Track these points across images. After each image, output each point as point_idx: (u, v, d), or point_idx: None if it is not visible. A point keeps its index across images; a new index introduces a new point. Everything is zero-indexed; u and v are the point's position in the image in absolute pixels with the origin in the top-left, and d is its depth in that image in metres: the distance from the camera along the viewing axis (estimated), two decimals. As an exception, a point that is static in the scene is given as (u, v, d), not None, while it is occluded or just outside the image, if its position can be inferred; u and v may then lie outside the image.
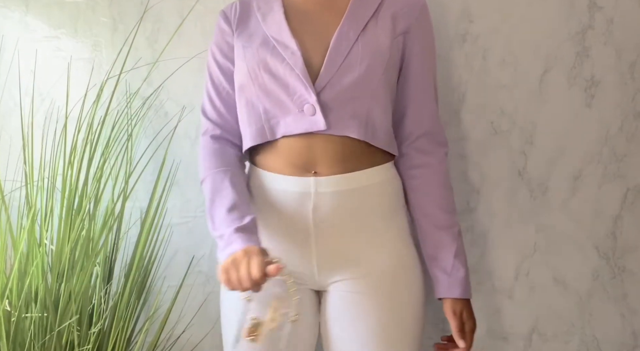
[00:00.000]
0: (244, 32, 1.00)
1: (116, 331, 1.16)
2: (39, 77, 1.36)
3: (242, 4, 1.04)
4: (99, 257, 1.23)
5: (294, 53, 0.93)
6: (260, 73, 0.94)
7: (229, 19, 1.03)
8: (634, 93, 1.22)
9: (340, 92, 0.92)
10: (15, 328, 1.07)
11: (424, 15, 1.02)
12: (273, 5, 0.99)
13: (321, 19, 0.97)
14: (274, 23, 0.97)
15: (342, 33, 0.94)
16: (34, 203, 1.18)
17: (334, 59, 0.92)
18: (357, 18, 0.95)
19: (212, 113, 1.04)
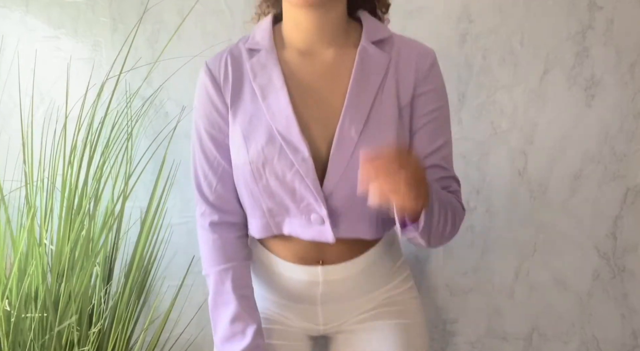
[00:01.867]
0: (240, 109, 0.86)
1: (116, 331, 1.16)
2: (39, 77, 1.36)
3: (234, 63, 0.87)
4: (99, 257, 1.23)
5: (304, 160, 0.80)
6: (265, 175, 0.83)
7: (217, 82, 0.87)
8: (634, 93, 1.22)
9: (349, 197, 0.82)
10: (15, 328, 1.07)
11: (434, 73, 0.88)
12: (272, 75, 0.84)
13: (324, 95, 0.84)
14: (279, 111, 0.82)
15: (344, 130, 0.81)
16: (33, 203, 1.18)
17: (338, 161, 0.82)
18: (360, 103, 0.82)
19: (209, 194, 0.91)
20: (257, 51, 0.87)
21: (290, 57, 0.86)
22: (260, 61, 0.85)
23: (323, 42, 0.84)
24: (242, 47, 0.89)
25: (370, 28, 0.86)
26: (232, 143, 0.87)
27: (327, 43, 0.85)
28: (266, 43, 0.86)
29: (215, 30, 1.35)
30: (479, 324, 1.34)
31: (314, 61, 0.85)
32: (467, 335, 1.35)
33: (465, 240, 1.32)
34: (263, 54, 0.86)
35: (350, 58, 0.84)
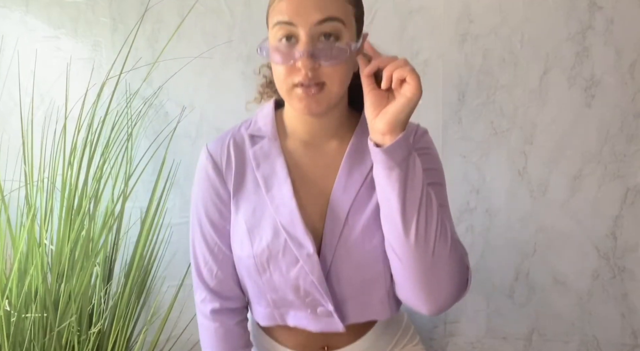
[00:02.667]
0: (243, 198, 0.84)
1: (116, 331, 1.16)
2: (39, 77, 1.36)
3: (236, 149, 0.85)
4: (99, 257, 1.23)
5: (309, 256, 0.78)
6: (269, 269, 0.81)
7: (220, 169, 0.85)
8: (634, 93, 1.22)
9: (356, 286, 0.81)
10: (15, 328, 1.07)
11: (427, 139, 0.86)
12: (276, 165, 0.82)
13: (327, 186, 0.83)
14: (283, 204, 0.80)
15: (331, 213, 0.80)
16: (33, 203, 1.18)
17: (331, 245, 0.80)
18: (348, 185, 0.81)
19: (210, 281, 0.87)
20: (260, 138, 0.85)
21: (293, 146, 0.85)
22: (264, 149, 0.84)
23: (326, 135, 0.84)
24: (245, 132, 0.87)
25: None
26: (234, 234, 0.85)
27: (330, 136, 0.84)
28: (269, 131, 0.85)
29: (215, 30, 1.35)
30: (479, 324, 1.34)
31: (317, 152, 0.84)
32: (467, 335, 1.35)
33: (465, 240, 1.32)
34: (266, 142, 0.84)
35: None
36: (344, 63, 0.74)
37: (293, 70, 0.73)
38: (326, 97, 0.74)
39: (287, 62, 0.73)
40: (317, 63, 0.72)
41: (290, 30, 0.72)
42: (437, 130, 1.30)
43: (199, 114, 1.38)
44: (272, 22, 0.75)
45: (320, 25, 0.71)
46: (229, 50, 1.35)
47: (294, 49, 0.72)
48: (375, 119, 0.73)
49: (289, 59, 0.73)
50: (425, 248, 0.72)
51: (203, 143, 1.38)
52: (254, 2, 1.33)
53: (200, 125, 1.38)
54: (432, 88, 1.29)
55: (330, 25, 0.72)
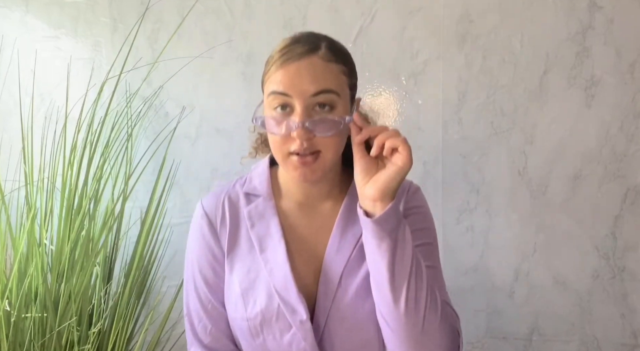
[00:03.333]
0: (237, 258, 0.83)
1: (116, 331, 1.16)
2: (39, 76, 1.36)
3: (230, 207, 0.85)
4: (99, 257, 1.23)
5: (302, 322, 0.77)
6: (263, 334, 0.80)
7: (215, 227, 0.85)
8: (634, 93, 1.22)
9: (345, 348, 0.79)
10: (15, 328, 1.07)
11: (419, 197, 0.86)
12: (270, 226, 0.83)
13: (320, 249, 0.83)
14: (277, 267, 0.80)
15: (324, 276, 0.80)
16: (33, 203, 1.18)
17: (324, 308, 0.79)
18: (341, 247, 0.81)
19: (204, 337, 0.86)
20: (255, 197, 0.86)
21: (288, 207, 0.85)
22: (258, 209, 0.84)
23: (320, 197, 0.85)
24: (240, 190, 0.87)
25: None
26: (228, 294, 0.84)
27: (324, 197, 0.85)
28: (264, 190, 0.85)
29: (215, 30, 1.35)
30: (479, 324, 1.34)
31: (312, 213, 0.85)
32: (467, 335, 1.35)
33: (465, 240, 1.32)
34: (261, 201, 0.85)
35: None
36: (338, 133, 0.75)
37: (288, 138, 0.74)
38: (321, 165, 0.76)
39: (283, 132, 0.74)
40: (312, 133, 0.73)
41: (285, 100, 0.73)
42: (437, 130, 1.30)
43: (198, 114, 1.38)
44: (268, 91, 0.76)
45: (315, 97, 0.72)
46: (229, 50, 1.35)
47: (289, 118, 0.73)
48: (365, 186, 0.73)
49: (285, 128, 0.73)
50: (416, 317, 0.72)
51: (203, 143, 1.39)
52: (254, 2, 1.33)
53: (200, 125, 1.38)
54: (432, 89, 1.29)
55: (324, 97, 0.73)
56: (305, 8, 1.31)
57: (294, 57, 0.74)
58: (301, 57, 0.74)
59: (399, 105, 1.31)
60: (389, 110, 1.32)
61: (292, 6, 1.32)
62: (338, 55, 0.76)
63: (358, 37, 1.30)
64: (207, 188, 1.40)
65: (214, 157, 1.39)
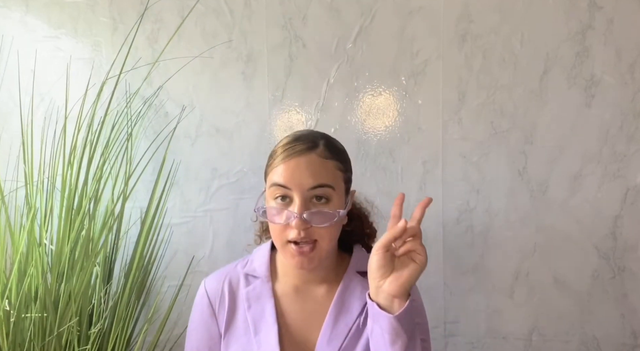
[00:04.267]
0: (233, 339, 0.88)
1: (116, 331, 1.16)
2: (39, 77, 1.36)
3: (230, 290, 0.91)
4: (99, 257, 1.23)
5: None
6: None
7: (214, 307, 0.90)
8: (634, 93, 1.22)
9: None
10: (15, 328, 1.07)
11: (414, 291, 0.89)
12: (265, 309, 0.87)
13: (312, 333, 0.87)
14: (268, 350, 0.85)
15: None
16: (33, 203, 1.18)
17: None
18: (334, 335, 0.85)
19: None
20: (254, 278, 0.91)
21: (284, 290, 0.90)
22: (256, 291, 0.90)
23: (316, 281, 0.89)
24: (241, 271, 0.92)
25: (358, 261, 0.91)
26: None
27: (319, 281, 0.89)
28: (263, 272, 0.90)
29: (215, 30, 1.35)
30: (479, 324, 1.35)
31: (306, 298, 0.89)
32: (467, 335, 1.35)
33: (465, 240, 1.32)
34: (259, 283, 0.90)
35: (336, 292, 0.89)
36: (333, 224, 0.81)
37: (287, 227, 0.80)
38: (317, 255, 0.82)
39: (282, 221, 0.80)
40: (309, 224, 0.79)
41: (285, 192, 0.80)
42: (437, 130, 1.30)
43: (198, 114, 1.38)
44: (270, 182, 0.82)
45: (313, 190, 0.79)
46: (229, 50, 1.35)
47: (288, 208, 0.80)
48: (385, 281, 0.75)
49: (284, 218, 0.80)
50: None
51: (203, 143, 1.39)
52: (254, 2, 1.33)
53: (200, 125, 1.38)
54: (432, 89, 1.29)
55: (321, 190, 0.80)
56: (305, 8, 1.31)
57: (294, 154, 0.81)
58: (301, 153, 0.81)
59: (399, 105, 1.31)
60: (389, 110, 1.32)
61: (292, 6, 1.32)
62: (334, 152, 0.84)
63: (358, 37, 1.30)
64: (207, 188, 1.40)
65: (214, 157, 1.39)
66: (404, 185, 1.32)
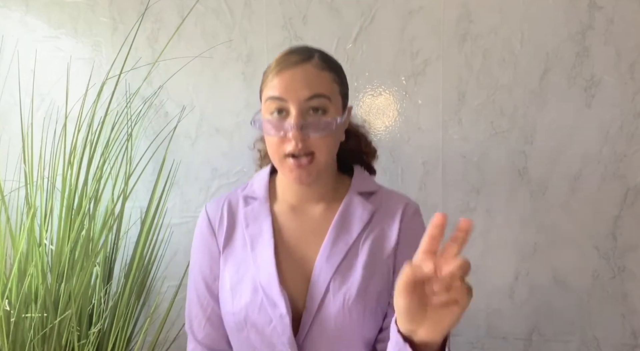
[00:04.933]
0: (231, 255, 0.88)
1: (116, 331, 1.16)
2: (39, 76, 1.36)
3: (230, 212, 0.91)
4: (99, 257, 1.23)
5: (282, 316, 0.80)
6: (247, 327, 0.83)
7: (213, 228, 0.91)
8: (634, 93, 1.22)
9: (323, 347, 0.81)
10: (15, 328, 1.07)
11: (417, 222, 0.88)
12: (263, 227, 0.87)
13: (308, 250, 0.86)
14: (264, 264, 0.84)
15: (314, 279, 0.82)
16: (33, 203, 1.18)
17: (309, 316, 0.81)
18: (333, 254, 0.83)
19: (199, 333, 0.91)
20: (253, 200, 0.91)
21: (281, 210, 0.90)
22: (254, 211, 0.90)
23: (313, 200, 0.89)
24: (240, 194, 0.93)
25: (359, 181, 0.90)
26: (221, 290, 0.88)
27: (316, 199, 0.89)
28: (261, 194, 0.91)
29: (215, 30, 1.35)
30: (479, 324, 1.35)
31: (303, 216, 0.89)
32: (467, 335, 1.35)
33: (465, 240, 1.32)
34: (257, 204, 0.90)
35: (336, 211, 0.88)
36: (331, 135, 0.80)
37: (284, 140, 0.79)
38: (315, 167, 0.80)
39: (279, 134, 0.79)
40: (307, 134, 0.78)
41: (281, 104, 0.79)
42: (437, 130, 1.30)
43: (198, 114, 1.38)
44: (265, 97, 0.81)
45: (309, 101, 0.78)
46: (229, 50, 1.35)
47: (285, 121, 0.78)
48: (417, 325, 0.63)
49: (281, 130, 0.79)
50: None
51: (203, 143, 1.39)
52: (254, 2, 1.33)
53: (200, 125, 1.38)
54: (432, 89, 1.29)
55: (317, 101, 0.78)
56: (305, 8, 1.31)
57: (289, 65, 0.79)
58: (296, 65, 0.79)
59: (399, 105, 1.31)
60: (389, 110, 1.32)
61: (292, 6, 1.32)
62: (330, 64, 0.82)
63: (358, 37, 1.30)
64: (207, 188, 1.40)
65: (214, 157, 1.39)
66: (404, 186, 1.32)
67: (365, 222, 0.86)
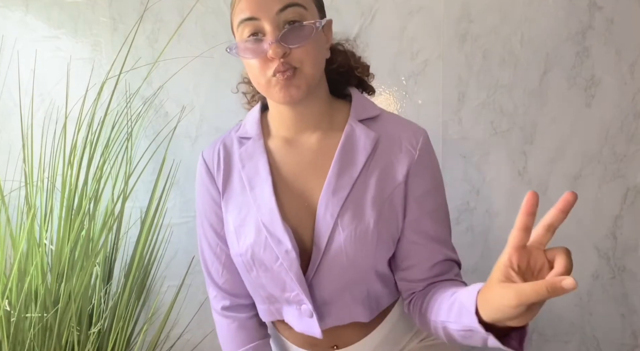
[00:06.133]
0: (231, 198, 0.87)
1: (116, 331, 1.16)
2: (39, 77, 1.36)
3: (225, 154, 0.89)
4: (99, 257, 1.23)
5: (287, 252, 0.79)
6: (256, 267, 0.83)
7: (212, 172, 0.89)
8: (634, 93, 1.22)
9: (333, 285, 0.81)
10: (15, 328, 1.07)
11: (425, 152, 0.82)
12: (259, 165, 0.84)
13: (309, 183, 0.83)
14: (264, 202, 0.82)
15: (320, 215, 0.80)
16: (33, 203, 1.18)
17: (318, 250, 0.80)
18: (339, 187, 0.80)
19: (218, 279, 0.92)
20: (247, 139, 0.88)
21: (276, 145, 0.86)
22: (248, 150, 0.87)
23: (307, 129, 0.84)
24: (234, 135, 0.90)
25: (359, 107, 0.85)
26: (227, 232, 0.88)
27: (311, 129, 0.84)
28: (254, 131, 0.88)
29: (215, 30, 1.35)
30: (479, 324, 1.35)
31: (299, 149, 0.85)
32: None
33: (465, 240, 1.32)
34: (251, 143, 0.87)
35: (335, 142, 0.83)
36: (313, 43, 0.75)
37: (266, 62, 0.75)
38: (303, 80, 0.75)
39: (259, 56, 0.74)
40: (287, 48, 0.73)
41: (255, 25, 0.74)
42: (437, 130, 1.30)
43: (199, 114, 1.38)
44: (237, 22, 0.76)
45: (282, 13, 0.73)
46: (229, 50, 1.35)
47: (263, 42, 0.74)
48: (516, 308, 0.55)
49: (260, 52, 0.74)
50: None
51: (203, 143, 1.39)
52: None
53: (200, 125, 1.38)
54: (432, 89, 1.29)
55: (292, 11, 0.73)
56: (305, 8, 1.31)
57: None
58: None
59: (399, 105, 1.31)
60: (389, 110, 1.32)
61: (292, 6, 1.32)
62: None
63: (358, 37, 1.30)
64: (207, 188, 1.40)
65: (214, 157, 1.39)
66: (404, 185, 1.32)
67: (370, 151, 0.81)
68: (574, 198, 0.58)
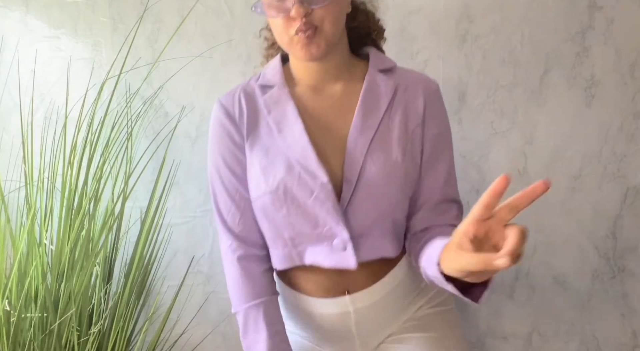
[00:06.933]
0: (257, 142, 0.88)
1: (116, 331, 1.16)
2: (39, 77, 1.36)
3: (247, 99, 0.91)
4: (99, 257, 1.23)
5: (323, 185, 0.82)
6: (287, 203, 0.84)
7: (233, 117, 0.90)
8: (634, 93, 1.22)
9: (367, 217, 0.85)
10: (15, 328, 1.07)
11: (439, 99, 0.93)
12: (286, 109, 0.88)
13: (336, 124, 0.88)
14: (294, 141, 0.85)
15: (351, 153, 0.84)
16: (33, 203, 1.18)
17: (349, 184, 0.84)
18: (365, 127, 0.86)
19: (235, 227, 0.92)
20: (270, 87, 0.91)
21: (301, 92, 0.91)
22: (273, 97, 0.90)
23: (330, 79, 0.90)
24: (254, 84, 0.93)
25: (377, 59, 0.92)
26: (250, 176, 0.89)
27: (334, 79, 0.90)
28: (278, 79, 0.91)
29: (215, 30, 1.35)
30: (479, 324, 1.35)
31: (324, 95, 0.90)
32: (467, 335, 1.35)
33: (465, 240, 1.32)
34: (275, 90, 0.90)
35: (357, 89, 0.89)
36: (334, 2, 0.80)
37: (289, 20, 0.80)
38: (323, 39, 0.81)
39: (282, 14, 0.80)
40: (309, 8, 0.78)
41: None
42: (437, 130, 1.30)
43: (198, 114, 1.38)
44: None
45: None
46: (229, 50, 1.35)
47: (286, 1, 0.79)
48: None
49: (283, 10, 0.79)
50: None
51: (203, 143, 1.39)
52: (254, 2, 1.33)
53: (200, 125, 1.38)
54: (432, 88, 1.29)
55: None
56: (305, 8, 1.31)
57: None
58: None
59: (399, 105, 1.31)
60: (389, 110, 1.32)
61: (292, 6, 1.32)
62: None
63: (358, 37, 1.30)
64: (207, 188, 1.39)
65: (214, 157, 1.38)
66: (404, 185, 1.32)
67: (391, 96, 0.88)
68: (544, 188, 0.61)
